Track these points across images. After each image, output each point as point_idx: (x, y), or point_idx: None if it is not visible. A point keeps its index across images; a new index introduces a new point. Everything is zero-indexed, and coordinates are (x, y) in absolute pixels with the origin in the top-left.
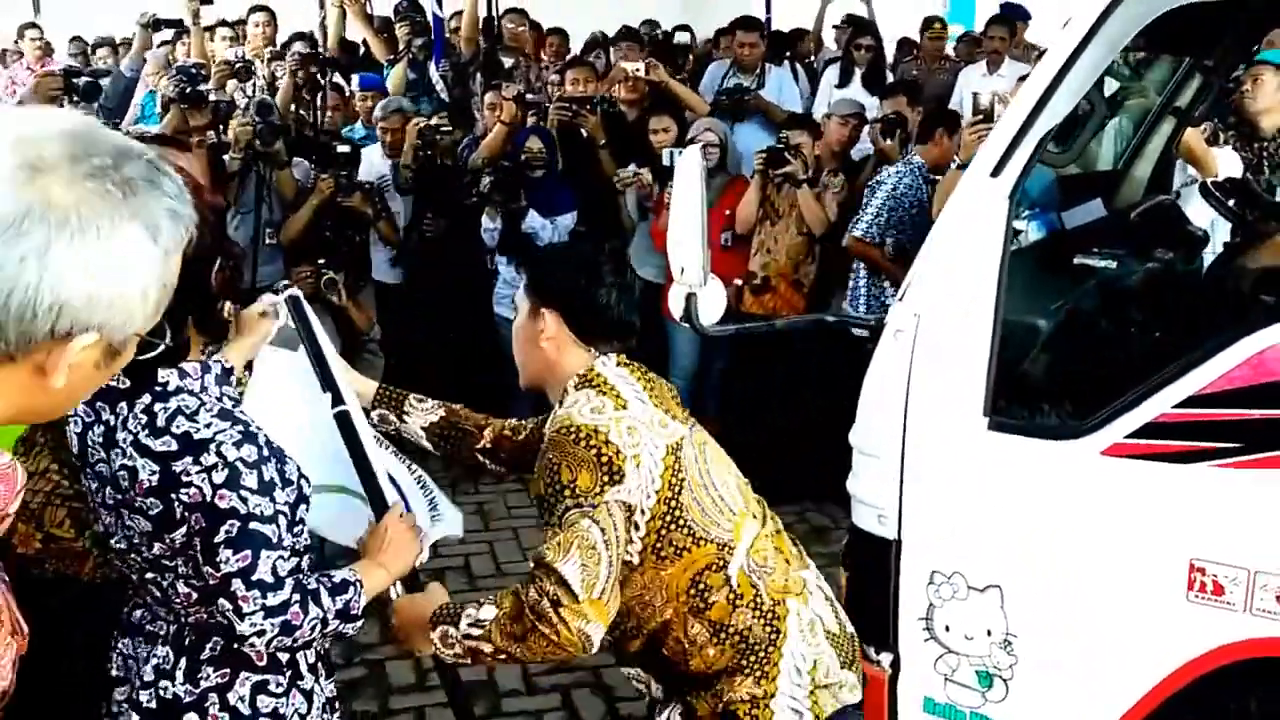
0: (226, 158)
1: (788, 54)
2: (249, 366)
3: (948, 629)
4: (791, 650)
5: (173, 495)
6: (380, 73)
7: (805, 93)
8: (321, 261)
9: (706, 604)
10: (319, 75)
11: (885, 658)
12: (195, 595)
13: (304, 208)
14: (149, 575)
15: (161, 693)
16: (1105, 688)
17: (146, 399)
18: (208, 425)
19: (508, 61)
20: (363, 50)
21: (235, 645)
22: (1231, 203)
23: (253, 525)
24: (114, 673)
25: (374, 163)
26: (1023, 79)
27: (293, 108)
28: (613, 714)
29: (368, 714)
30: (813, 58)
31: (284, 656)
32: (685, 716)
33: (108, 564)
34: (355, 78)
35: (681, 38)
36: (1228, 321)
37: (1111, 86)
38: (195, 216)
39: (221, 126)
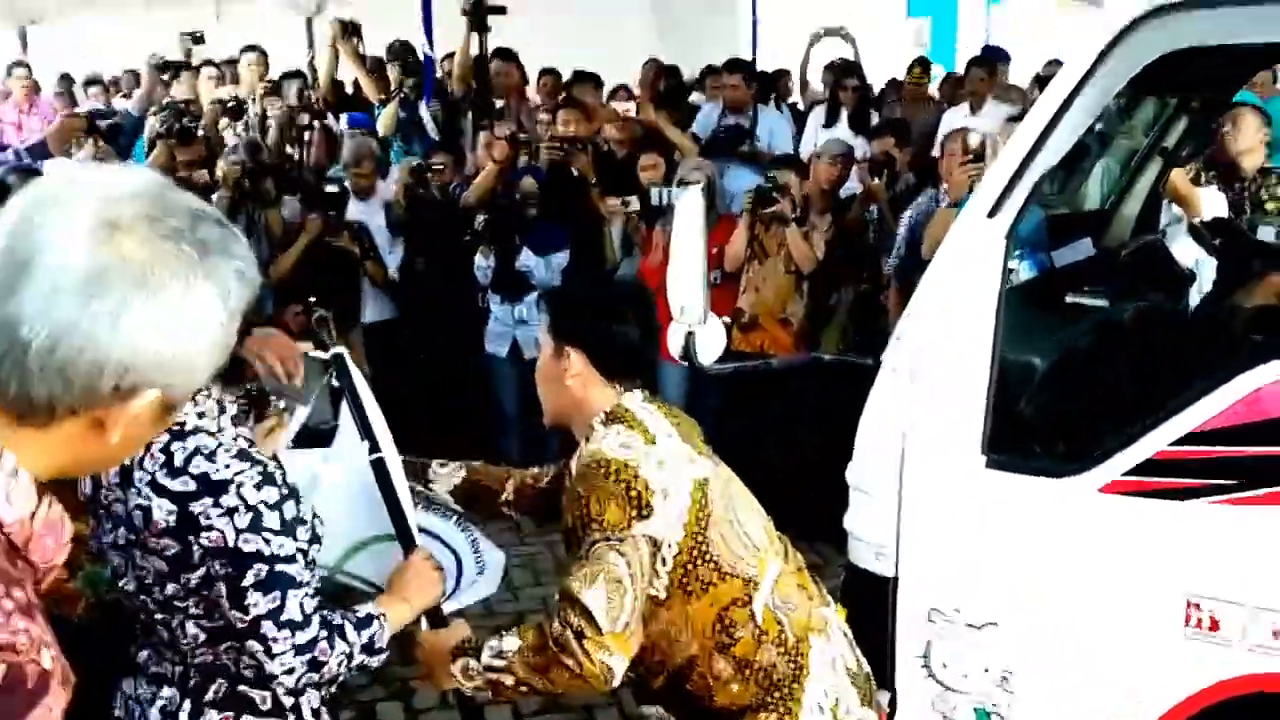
0: (215, 196)
1: (772, 94)
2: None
3: (945, 666)
4: (814, 687)
5: (191, 538)
6: (371, 113)
7: (791, 133)
8: (313, 300)
9: (732, 639)
10: (311, 120)
11: (883, 696)
12: (204, 636)
13: (293, 247)
14: (159, 616)
15: None
16: None
17: (164, 438)
18: (227, 466)
19: (498, 102)
20: (353, 90)
21: (240, 688)
22: (1218, 242)
23: (279, 567)
24: (117, 713)
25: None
26: (1011, 119)
27: (285, 148)
28: None
29: None
30: (799, 98)
31: (288, 701)
32: None
33: (100, 605)
34: (344, 117)
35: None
36: (1222, 360)
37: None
38: (259, 279)
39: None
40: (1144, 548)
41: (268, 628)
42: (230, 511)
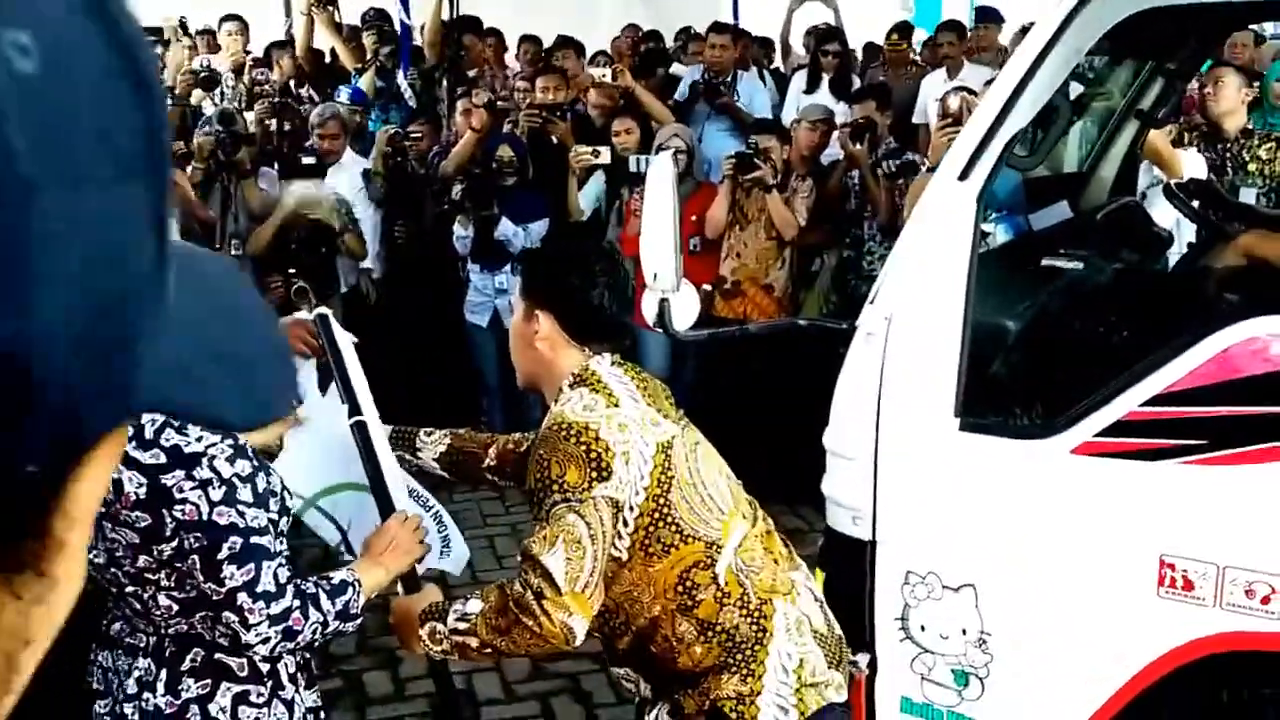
0: (189, 168)
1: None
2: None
3: (923, 629)
4: (778, 649)
5: (164, 510)
6: (348, 81)
7: (774, 98)
8: (292, 271)
9: (694, 602)
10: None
11: (862, 658)
12: (177, 607)
13: (270, 219)
14: (129, 589)
15: (144, 705)
16: (1080, 683)
17: None
18: (199, 439)
19: (472, 71)
20: (330, 58)
21: (217, 656)
22: (1195, 204)
23: (253, 539)
24: (94, 686)
25: (350, 175)
26: (989, 83)
27: (271, 120)
28: None
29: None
30: (780, 64)
31: (264, 667)
32: (673, 714)
33: None
34: (344, 90)
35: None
36: (1193, 320)
37: (1075, 89)
38: None
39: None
40: (1117, 509)
41: (243, 599)
42: (203, 484)
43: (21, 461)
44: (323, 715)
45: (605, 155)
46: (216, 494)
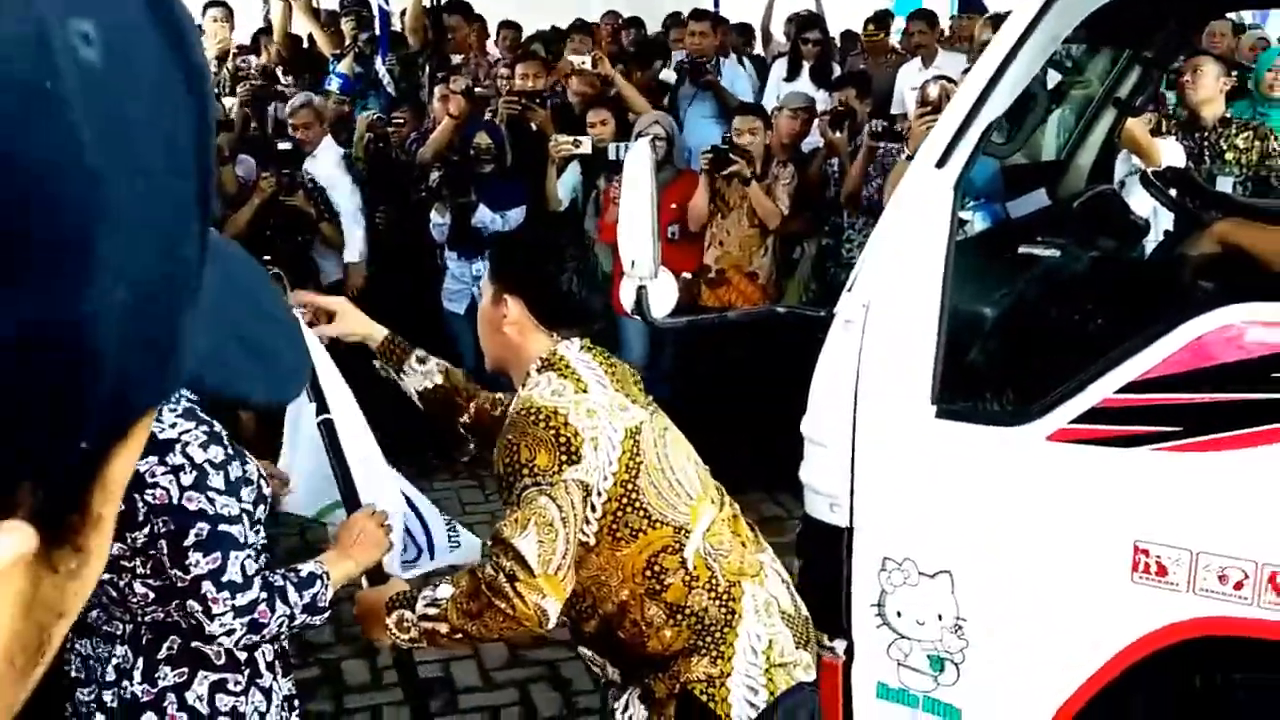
0: None
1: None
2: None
3: (899, 615)
4: (746, 630)
5: (136, 495)
6: (325, 68)
7: (754, 84)
8: (267, 258)
9: (662, 586)
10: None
11: (839, 644)
12: (153, 595)
13: (246, 206)
14: (106, 576)
15: (122, 692)
16: (1055, 669)
17: None
18: (173, 425)
19: (455, 56)
20: (308, 44)
21: (194, 644)
22: (1173, 192)
23: (221, 527)
24: (73, 674)
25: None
26: (965, 71)
27: (251, 107)
28: (570, 708)
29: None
30: (761, 50)
31: (242, 655)
32: (644, 699)
33: None
34: (334, 80)
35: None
36: (1167, 308)
37: (1054, 78)
38: None
39: None
40: (1091, 495)
41: (207, 588)
42: (175, 470)
43: (80, 439)
44: (297, 703)
45: (586, 145)
46: (187, 479)
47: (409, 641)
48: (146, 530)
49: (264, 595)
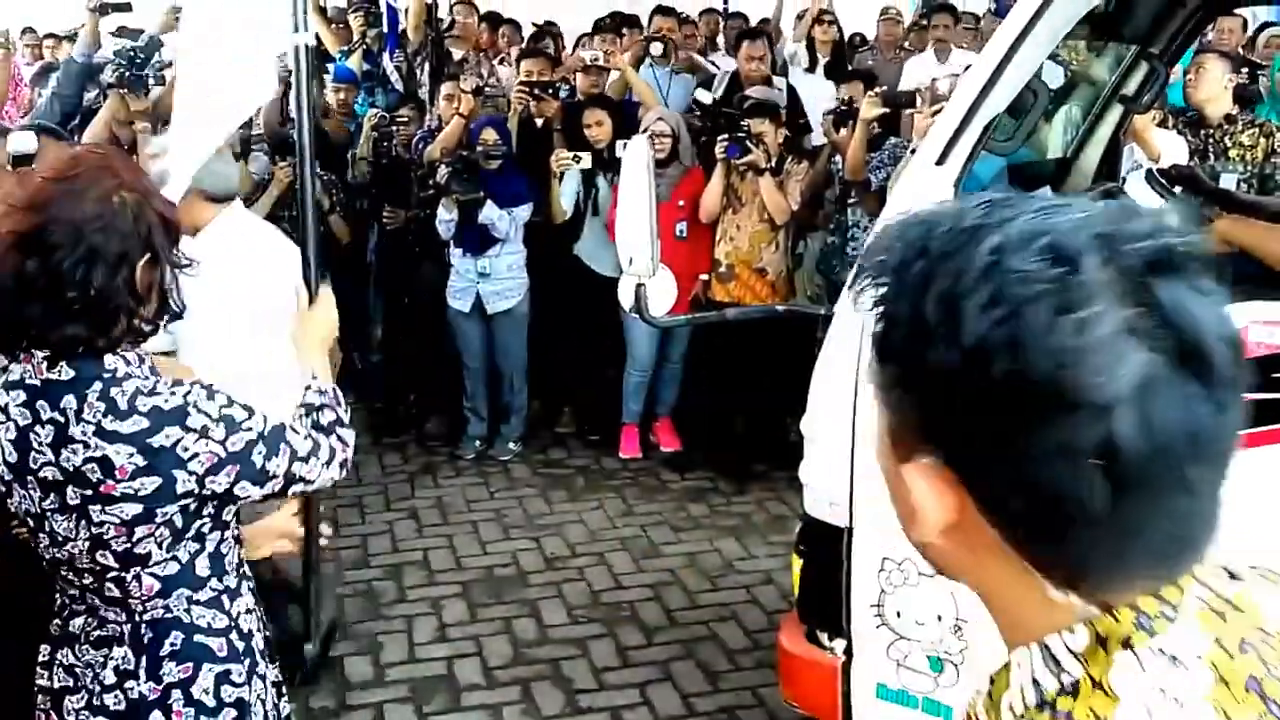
0: None
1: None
2: None
3: (899, 615)
4: None
5: (174, 471)
6: (333, 64)
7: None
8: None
9: None
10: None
11: (839, 645)
12: (159, 586)
13: (263, 198)
14: (111, 573)
15: (128, 693)
16: None
17: (98, 387)
18: (172, 393)
19: (458, 53)
20: (315, 41)
21: (197, 638)
22: (1176, 189)
23: (269, 435)
24: (57, 685)
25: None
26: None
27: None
28: (572, 706)
29: None
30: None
31: (241, 645)
32: None
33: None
34: (330, 68)
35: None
36: None
37: (1061, 75)
38: None
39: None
40: None
41: (300, 470)
42: (203, 432)
43: None
44: (284, 690)
45: (586, 160)
46: (220, 432)
47: None
48: (197, 493)
49: (320, 436)
